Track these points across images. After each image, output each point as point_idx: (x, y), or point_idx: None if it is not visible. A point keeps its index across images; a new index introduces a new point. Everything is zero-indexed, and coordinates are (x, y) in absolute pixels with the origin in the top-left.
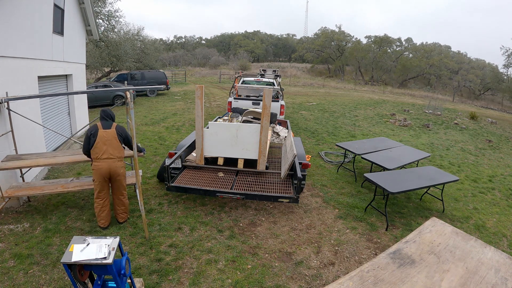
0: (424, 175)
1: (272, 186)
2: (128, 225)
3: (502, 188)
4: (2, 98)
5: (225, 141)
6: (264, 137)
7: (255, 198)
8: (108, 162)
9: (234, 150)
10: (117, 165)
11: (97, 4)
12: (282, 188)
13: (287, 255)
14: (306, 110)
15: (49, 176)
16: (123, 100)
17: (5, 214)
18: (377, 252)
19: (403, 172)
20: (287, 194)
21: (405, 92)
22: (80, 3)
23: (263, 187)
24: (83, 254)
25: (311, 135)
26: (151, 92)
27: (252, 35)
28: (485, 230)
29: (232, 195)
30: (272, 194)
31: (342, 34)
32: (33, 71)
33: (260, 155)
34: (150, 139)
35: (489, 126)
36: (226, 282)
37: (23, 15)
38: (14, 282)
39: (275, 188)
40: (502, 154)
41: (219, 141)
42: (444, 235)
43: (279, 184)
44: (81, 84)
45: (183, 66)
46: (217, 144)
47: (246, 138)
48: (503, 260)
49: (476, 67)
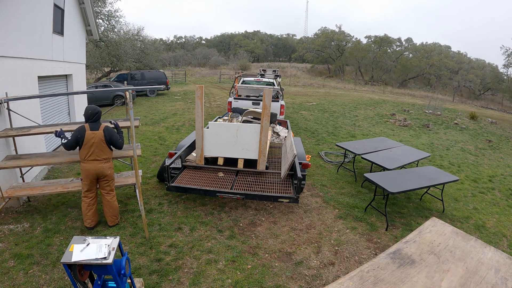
0: (424, 175)
1: (272, 186)
2: (128, 225)
3: (502, 188)
4: (2, 98)
5: (225, 141)
6: (264, 137)
7: (255, 198)
8: (95, 163)
9: (234, 150)
10: (103, 166)
11: (97, 4)
12: (282, 188)
13: (287, 255)
14: (306, 110)
15: (49, 176)
16: (123, 100)
17: (5, 214)
18: (377, 252)
19: (403, 172)
20: (287, 194)
21: (405, 92)
22: (80, 3)
23: (263, 187)
24: (83, 254)
25: (311, 135)
26: (151, 92)
27: (252, 35)
28: (485, 230)
29: (232, 195)
30: (272, 194)
31: (342, 34)
32: (33, 71)
33: (260, 155)
34: (150, 139)
35: (489, 126)
36: (226, 282)
37: (23, 15)
38: (14, 282)
39: (275, 188)
40: (502, 154)
41: (219, 141)
42: (444, 235)
43: (279, 184)
44: (81, 84)
45: (183, 66)
46: (217, 144)
47: (246, 138)
48: (503, 260)
49: (476, 67)
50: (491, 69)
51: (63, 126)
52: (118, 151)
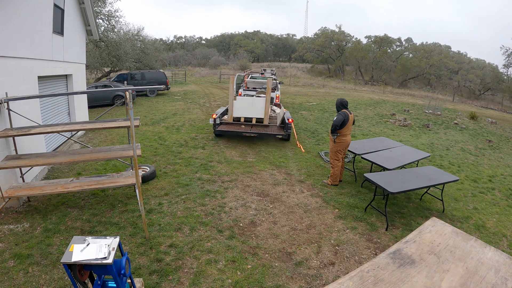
0: (424, 175)
1: (272, 130)
2: (128, 225)
3: (502, 188)
4: (2, 99)
5: (245, 107)
6: (267, 105)
7: (263, 136)
8: (349, 137)
9: (250, 112)
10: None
11: (97, 4)
12: (277, 131)
13: (287, 255)
14: (306, 110)
15: (49, 176)
16: (123, 100)
17: (5, 214)
18: (377, 252)
19: (403, 172)
20: (280, 133)
21: (405, 92)
22: (80, 3)
23: (267, 131)
24: (83, 254)
25: (311, 135)
26: (151, 92)
27: (252, 35)
28: (485, 230)
29: (251, 133)
30: (272, 133)
31: (342, 34)
32: (33, 71)
33: (266, 115)
34: (150, 139)
35: (489, 126)
36: (226, 282)
37: (23, 15)
38: (14, 282)
39: (273, 131)
40: (502, 154)
41: (242, 107)
42: (444, 235)
43: (276, 129)
44: (81, 84)
45: (183, 66)
46: (241, 109)
47: (258, 105)
48: (503, 260)
49: (476, 67)
50: (491, 69)
51: (63, 126)
52: (118, 151)
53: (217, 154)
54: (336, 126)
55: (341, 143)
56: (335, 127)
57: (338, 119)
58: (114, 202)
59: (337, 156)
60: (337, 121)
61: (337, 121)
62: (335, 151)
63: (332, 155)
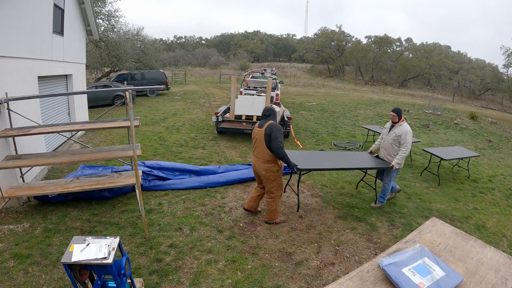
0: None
1: None
2: (128, 225)
3: (502, 188)
4: (2, 99)
5: (246, 106)
6: (268, 103)
7: None
8: (255, 160)
9: (251, 111)
10: (260, 166)
11: (97, 4)
12: None
13: (287, 255)
14: (306, 110)
15: (49, 176)
16: (123, 100)
17: (5, 214)
18: (377, 252)
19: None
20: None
21: (405, 92)
22: (80, 3)
23: None
24: (83, 254)
25: (311, 135)
26: (151, 92)
27: (252, 35)
28: (485, 230)
29: (251, 130)
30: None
31: (342, 34)
32: (33, 71)
33: None
34: (150, 139)
35: (489, 126)
36: (226, 282)
37: (23, 15)
38: (14, 282)
39: None
40: (502, 154)
41: (243, 105)
42: (444, 235)
43: None
44: (81, 84)
45: (183, 66)
46: (242, 107)
47: (258, 104)
48: (503, 260)
49: (476, 67)
50: (491, 69)
51: (63, 126)
52: (118, 151)
53: (217, 154)
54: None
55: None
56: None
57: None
58: (114, 202)
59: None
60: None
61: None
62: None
63: (278, 187)
